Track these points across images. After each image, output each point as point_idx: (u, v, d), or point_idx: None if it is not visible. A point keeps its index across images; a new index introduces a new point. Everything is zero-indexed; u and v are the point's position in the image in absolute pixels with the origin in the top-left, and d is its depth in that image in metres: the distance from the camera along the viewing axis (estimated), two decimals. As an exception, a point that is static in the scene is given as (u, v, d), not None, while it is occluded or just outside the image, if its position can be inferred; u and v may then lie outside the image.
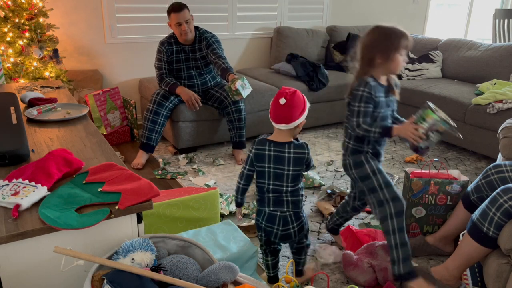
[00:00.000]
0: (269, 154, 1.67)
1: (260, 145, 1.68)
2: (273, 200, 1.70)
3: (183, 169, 2.97)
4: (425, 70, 4.01)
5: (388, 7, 5.04)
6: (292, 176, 1.66)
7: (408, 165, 3.14)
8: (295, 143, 1.66)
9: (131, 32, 3.59)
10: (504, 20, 4.96)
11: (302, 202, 1.73)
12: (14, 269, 1.08)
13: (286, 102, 1.61)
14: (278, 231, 1.70)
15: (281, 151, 1.65)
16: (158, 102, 2.94)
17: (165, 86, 3.00)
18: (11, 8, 2.84)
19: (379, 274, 1.82)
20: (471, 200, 1.90)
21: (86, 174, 1.33)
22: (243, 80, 2.83)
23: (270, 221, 1.71)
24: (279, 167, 1.66)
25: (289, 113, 1.62)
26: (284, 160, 1.65)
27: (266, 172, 1.68)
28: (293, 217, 1.70)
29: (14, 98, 1.95)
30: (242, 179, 1.76)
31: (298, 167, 1.66)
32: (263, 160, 1.68)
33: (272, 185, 1.68)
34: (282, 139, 1.66)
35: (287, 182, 1.67)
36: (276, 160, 1.66)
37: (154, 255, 1.18)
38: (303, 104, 1.65)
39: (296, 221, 1.71)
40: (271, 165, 1.67)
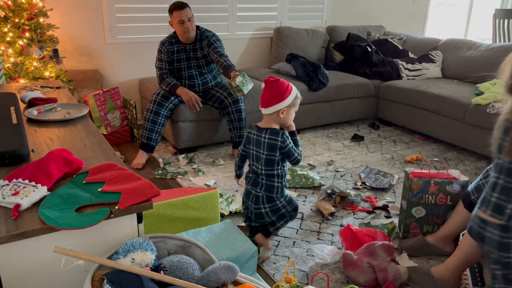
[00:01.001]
0: (253, 137, 1.87)
1: (250, 129, 1.91)
2: (252, 180, 1.90)
3: (183, 169, 2.97)
4: (425, 70, 4.01)
5: (388, 7, 5.04)
6: (265, 160, 1.81)
7: (408, 165, 3.14)
8: (271, 129, 1.82)
9: (131, 32, 3.60)
10: (504, 20, 4.96)
11: (279, 188, 1.87)
12: (14, 269, 1.08)
13: (264, 87, 1.81)
14: (252, 208, 1.91)
15: (259, 135, 1.84)
16: (158, 102, 2.94)
17: (165, 86, 3.00)
18: (11, 8, 2.84)
19: (379, 274, 1.82)
20: (471, 200, 1.90)
21: (86, 174, 1.33)
22: (243, 76, 2.82)
23: (247, 197, 1.93)
24: (258, 150, 1.84)
25: (266, 98, 1.80)
26: (261, 144, 1.82)
27: (250, 153, 1.89)
28: (264, 199, 1.86)
29: (14, 98, 1.95)
30: (238, 158, 2.03)
31: (272, 153, 1.80)
32: (249, 142, 1.89)
33: (253, 166, 1.89)
34: (264, 124, 1.85)
35: (261, 165, 1.84)
36: (256, 143, 1.84)
37: (154, 255, 1.18)
38: (283, 93, 1.79)
39: (268, 203, 1.87)
40: (254, 148, 1.86)
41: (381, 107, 4.02)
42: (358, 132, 3.82)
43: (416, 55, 4.22)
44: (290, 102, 1.80)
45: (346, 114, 3.94)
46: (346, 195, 2.55)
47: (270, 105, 1.79)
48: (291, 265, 1.96)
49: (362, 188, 2.75)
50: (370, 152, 3.38)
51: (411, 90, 3.65)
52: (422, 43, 4.34)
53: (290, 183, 2.74)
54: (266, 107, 1.80)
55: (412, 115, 3.69)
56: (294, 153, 1.82)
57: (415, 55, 4.23)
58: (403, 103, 3.76)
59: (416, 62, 4.07)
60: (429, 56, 4.08)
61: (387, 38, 4.46)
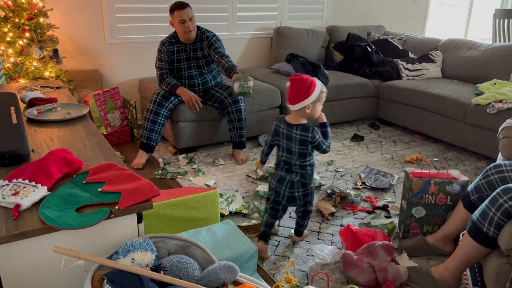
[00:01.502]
0: (283, 131, 1.97)
1: (278, 122, 1.99)
2: (285, 169, 1.99)
3: (183, 169, 2.97)
4: (425, 70, 4.01)
5: (388, 7, 5.04)
6: (299, 153, 1.94)
7: (408, 165, 3.14)
8: (301, 126, 1.92)
9: (131, 32, 3.60)
10: (504, 20, 4.96)
11: (311, 175, 2.00)
12: (14, 269, 1.08)
13: (290, 85, 1.89)
14: (286, 192, 2.00)
15: (290, 131, 1.93)
16: (158, 102, 2.94)
17: (165, 86, 3.00)
18: (11, 8, 2.84)
19: (379, 274, 1.82)
20: (471, 200, 1.90)
21: (86, 174, 1.33)
22: (238, 80, 2.81)
23: (280, 182, 2.00)
24: (289, 143, 1.95)
25: (292, 95, 1.89)
26: (293, 139, 1.93)
27: (281, 145, 1.99)
28: (299, 183, 1.98)
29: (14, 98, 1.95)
30: (265, 146, 2.10)
31: (304, 147, 1.92)
32: (278, 135, 1.99)
33: (285, 157, 1.98)
34: (293, 120, 1.94)
35: (295, 157, 1.95)
36: (287, 137, 1.95)
37: (154, 255, 1.18)
38: (307, 90, 1.86)
39: (301, 188, 1.99)
40: (284, 141, 1.97)
41: (381, 107, 4.02)
42: (358, 132, 3.83)
43: (416, 55, 4.22)
44: (315, 97, 1.88)
45: (346, 114, 3.94)
46: (346, 195, 2.55)
47: (296, 102, 1.88)
48: (291, 265, 1.96)
49: (362, 188, 2.75)
50: (370, 152, 3.38)
51: (411, 90, 3.65)
52: (422, 43, 4.34)
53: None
54: (293, 104, 1.89)
55: (412, 115, 3.69)
56: (323, 145, 1.95)
57: (415, 55, 4.23)
58: (403, 103, 3.76)
59: (416, 62, 4.07)
60: (429, 56, 4.08)
61: (387, 38, 4.46)
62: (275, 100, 3.49)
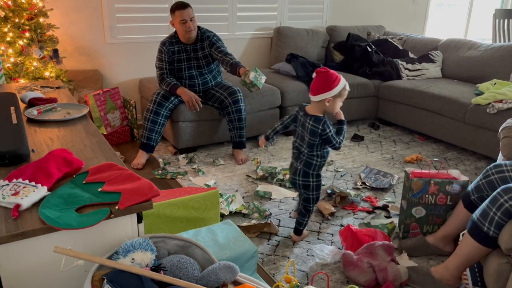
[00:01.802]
0: (300, 119, 2.08)
1: (299, 109, 2.10)
2: (296, 154, 2.12)
3: (183, 169, 2.97)
4: (425, 70, 4.01)
5: (388, 7, 5.04)
6: (308, 143, 2.03)
7: (408, 165, 3.14)
8: (315, 117, 2.00)
9: (131, 32, 3.60)
10: (504, 20, 4.96)
11: (316, 166, 2.07)
12: (14, 269, 1.08)
13: (315, 76, 1.98)
14: (291, 176, 2.16)
15: (305, 120, 2.04)
16: (158, 102, 2.94)
17: (165, 86, 3.00)
18: (11, 8, 2.84)
19: (379, 274, 1.82)
20: (472, 200, 1.90)
21: (86, 174, 1.33)
22: (255, 71, 2.82)
23: (290, 167, 2.17)
24: (303, 131, 2.06)
25: (315, 86, 1.98)
26: (305, 128, 2.03)
27: (297, 131, 2.11)
28: (301, 172, 2.08)
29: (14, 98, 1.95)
30: (279, 123, 2.21)
31: (313, 138, 2.01)
32: (295, 121, 2.12)
33: (298, 143, 2.10)
34: (311, 110, 2.03)
35: (305, 145, 2.05)
36: (302, 125, 2.06)
37: (154, 255, 1.18)
38: (331, 84, 1.94)
39: (302, 177, 2.08)
40: (300, 128, 2.09)
41: (381, 107, 4.02)
42: (358, 132, 3.83)
43: (416, 55, 4.22)
44: (336, 92, 1.96)
45: (346, 114, 3.87)
46: (346, 195, 2.55)
47: (318, 94, 1.97)
48: (291, 265, 1.96)
49: (362, 188, 2.74)
50: (370, 152, 3.38)
51: (411, 90, 3.65)
52: (422, 43, 4.34)
53: (290, 183, 2.74)
54: (315, 95, 1.98)
55: (412, 115, 3.69)
56: (332, 140, 2.01)
57: (415, 55, 4.23)
58: (403, 103, 3.76)
59: (416, 62, 4.07)
60: (429, 56, 4.08)
61: (387, 38, 4.46)
62: (275, 100, 3.49)
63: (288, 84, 3.61)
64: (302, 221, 2.16)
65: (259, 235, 2.20)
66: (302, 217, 2.15)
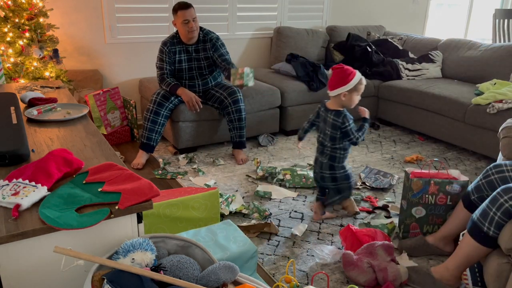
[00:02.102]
0: (322, 114, 2.24)
1: (321, 105, 2.26)
2: (320, 149, 2.27)
3: (183, 169, 2.97)
4: (425, 70, 4.01)
5: (388, 7, 5.04)
6: (330, 136, 2.18)
7: (408, 165, 3.14)
8: (335, 111, 2.15)
9: (131, 32, 3.60)
10: (504, 20, 4.96)
11: (340, 158, 2.22)
12: (14, 269, 1.08)
13: (332, 73, 2.13)
14: (317, 170, 2.30)
15: (326, 114, 2.20)
16: (159, 102, 2.94)
17: (166, 86, 3.00)
18: (11, 8, 2.84)
19: (379, 274, 1.82)
20: (472, 200, 1.90)
21: (86, 174, 1.33)
22: (252, 72, 2.81)
23: (315, 162, 2.32)
24: (324, 126, 2.21)
25: (332, 82, 2.13)
26: (327, 122, 2.18)
27: (320, 127, 2.26)
28: (327, 165, 2.24)
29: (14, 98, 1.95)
30: (306, 122, 2.37)
31: (334, 131, 2.16)
32: (318, 117, 2.29)
33: (321, 138, 2.25)
34: (330, 105, 2.19)
35: (327, 139, 2.20)
36: (324, 120, 2.22)
37: (154, 255, 1.18)
38: (346, 78, 2.08)
39: (329, 170, 2.24)
40: (322, 123, 2.24)
41: (381, 107, 4.02)
42: (358, 132, 3.82)
43: (416, 55, 4.22)
44: (351, 86, 2.09)
45: (346, 114, 3.93)
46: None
47: (334, 88, 2.11)
48: (291, 265, 1.96)
49: (362, 188, 2.74)
50: (370, 152, 3.38)
51: (411, 90, 3.65)
52: (422, 43, 4.34)
53: (290, 183, 2.74)
54: (331, 90, 2.13)
55: (412, 115, 3.69)
56: (351, 134, 2.14)
57: (415, 55, 4.23)
58: (403, 103, 3.76)
59: (416, 62, 4.07)
60: (429, 56, 4.08)
61: (387, 38, 4.46)
62: (275, 100, 3.49)
63: (288, 84, 3.61)
64: (331, 198, 2.31)
65: (259, 235, 2.20)
66: (333, 195, 2.31)
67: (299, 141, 2.42)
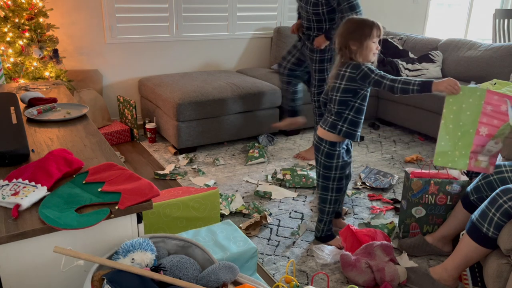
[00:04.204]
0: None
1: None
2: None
3: (183, 169, 2.97)
4: (425, 70, 4.01)
5: (388, 7, 5.04)
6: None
7: (408, 165, 3.14)
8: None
9: (131, 32, 3.60)
10: (504, 20, 4.96)
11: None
12: (14, 269, 1.08)
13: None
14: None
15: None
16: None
17: None
18: (11, 8, 2.84)
19: (377, 274, 1.82)
20: (471, 200, 1.90)
21: (86, 174, 1.33)
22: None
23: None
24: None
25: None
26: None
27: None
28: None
29: (14, 98, 1.95)
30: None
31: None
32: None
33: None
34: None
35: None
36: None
37: (154, 255, 1.18)
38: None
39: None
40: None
41: (381, 107, 4.02)
42: (358, 132, 3.82)
43: (416, 55, 4.22)
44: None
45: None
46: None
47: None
48: (291, 265, 1.96)
49: (362, 188, 2.75)
50: (370, 152, 3.38)
51: (411, 90, 3.65)
52: (422, 43, 4.34)
53: (290, 183, 2.74)
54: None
55: (412, 115, 3.69)
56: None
57: (415, 55, 4.23)
58: (403, 103, 3.76)
59: (416, 62, 4.06)
60: (429, 56, 4.08)
61: (387, 38, 4.46)
62: (275, 100, 3.49)
63: (288, 84, 3.61)
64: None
65: (259, 235, 2.20)
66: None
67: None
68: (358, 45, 1.84)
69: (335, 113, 1.94)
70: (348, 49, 1.87)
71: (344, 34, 1.87)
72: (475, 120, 1.73)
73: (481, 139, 1.73)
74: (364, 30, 1.83)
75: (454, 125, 1.76)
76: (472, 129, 1.73)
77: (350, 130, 1.93)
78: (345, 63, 1.90)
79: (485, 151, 1.75)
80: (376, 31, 1.85)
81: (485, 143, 1.73)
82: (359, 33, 1.84)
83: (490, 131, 1.71)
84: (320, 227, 2.13)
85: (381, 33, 1.88)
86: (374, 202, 2.57)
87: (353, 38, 1.84)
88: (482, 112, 1.71)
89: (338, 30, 1.91)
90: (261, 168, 3.01)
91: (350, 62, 1.88)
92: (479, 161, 1.77)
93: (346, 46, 1.87)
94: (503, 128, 1.69)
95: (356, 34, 1.84)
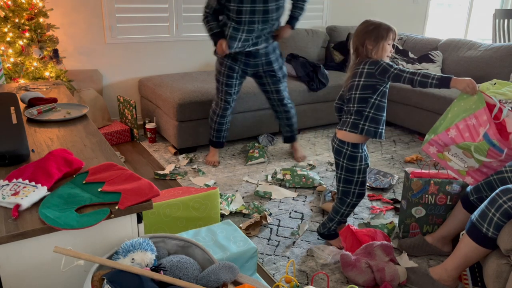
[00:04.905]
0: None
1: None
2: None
3: (183, 169, 2.97)
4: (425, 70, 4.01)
5: (388, 7, 5.04)
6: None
7: (408, 165, 3.14)
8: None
9: (131, 32, 3.60)
10: (504, 20, 4.96)
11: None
12: (14, 269, 1.08)
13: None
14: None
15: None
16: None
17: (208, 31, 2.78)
18: (11, 8, 2.84)
19: (377, 274, 1.82)
20: (471, 200, 1.91)
21: (86, 174, 1.33)
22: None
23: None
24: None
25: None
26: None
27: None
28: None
29: (14, 98, 1.95)
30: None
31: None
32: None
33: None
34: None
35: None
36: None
37: (154, 255, 1.18)
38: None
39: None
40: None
41: (381, 107, 4.02)
42: (358, 132, 3.82)
43: (416, 55, 4.22)
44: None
45: (346, 114, 3.93)
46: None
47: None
48: (291, 265, 1.96)
49: (362, 188, 2.75)
50: (370, 152, 3.38)
51: (411, 90, 3.65)
52: (422, 43, 4.34)
53: (290, 183, 2.74)
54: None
55: (412, 115, 3.69)
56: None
57: (415, 55, 4.23)
58: (403, 103, 3.76)
59: (416, 62, 4.07)
60: (429, 56, 4.09)
61: (387, 38, 4.46)
62: (275, 100, 3.49)
63: (288, 84, 3.59)
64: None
65: (259, 235, 2.20)
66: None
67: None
68: (374, 44, 1.88)
69: (355, 112, 1.93)
70: (364, 48, 1.91)
71: (361, 33, 1.91)
72: (455, 120, 1.75)
73: (445, 137, 1.76)
74: (381, 31, 1.88)
75: (451, 116, 1.79)
76: (448, 124, 1.75)
77: (372, 127, 1.91)
78: (361, 61, 1.92)
79: (453, 154, 1.77)
80: (392, 35, 1.90)
81: (447, 142, 1.77)
82: (376, 33, 1.87)
83: (456, 138, 1.74)
84: (328, 225, 2.13)
85: (396, 37, 1.92)
86: (374, 202, 2.57)
87: (370, 37, 1.88)
88: (464, 119, 1.73)
89: (355, 30, 1.96)
90: (261, 168, 3.01)
91: (367, 60, 1.90)
92: (445, 156, 1.81)
93: (362, 44, 1.91)
94: (468, 144, 1.71)
95: (373, 34, 1.88)
